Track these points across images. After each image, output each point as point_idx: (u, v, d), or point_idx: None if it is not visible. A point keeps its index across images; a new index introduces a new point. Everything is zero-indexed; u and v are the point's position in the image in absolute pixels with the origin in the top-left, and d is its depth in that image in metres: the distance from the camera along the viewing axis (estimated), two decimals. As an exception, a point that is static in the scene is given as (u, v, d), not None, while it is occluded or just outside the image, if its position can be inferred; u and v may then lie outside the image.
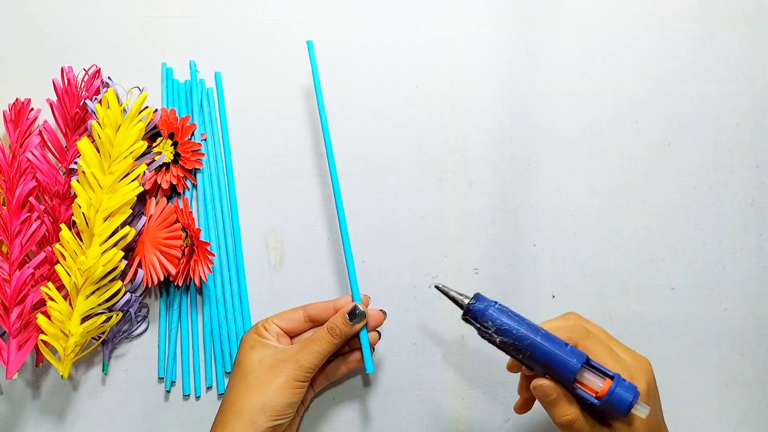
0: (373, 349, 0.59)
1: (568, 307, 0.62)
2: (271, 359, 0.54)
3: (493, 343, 0.50)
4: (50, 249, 0.57)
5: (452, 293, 0.52)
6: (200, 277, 0.57)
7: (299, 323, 0.57)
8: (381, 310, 0.58)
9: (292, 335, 0.58)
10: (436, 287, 0.53)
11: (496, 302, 0.51)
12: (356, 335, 0.57)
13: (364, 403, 0.61)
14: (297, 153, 0.62)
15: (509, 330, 0.49)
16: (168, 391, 0.60)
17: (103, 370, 0.60)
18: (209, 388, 0.60)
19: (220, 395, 0.60)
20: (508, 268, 0.62)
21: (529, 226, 0.63)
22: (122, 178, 0.56)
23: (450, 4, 0.64)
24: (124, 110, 0.58)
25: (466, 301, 0.51)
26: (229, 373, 0.60)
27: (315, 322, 0.58)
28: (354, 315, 0.55)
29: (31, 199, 0.57)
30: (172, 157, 0.60)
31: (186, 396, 0.60)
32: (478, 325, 0.50)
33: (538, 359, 0.49)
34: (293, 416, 0.55)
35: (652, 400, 0.49)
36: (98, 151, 0.56)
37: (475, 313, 0.50)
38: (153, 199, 0.59)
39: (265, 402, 0.52)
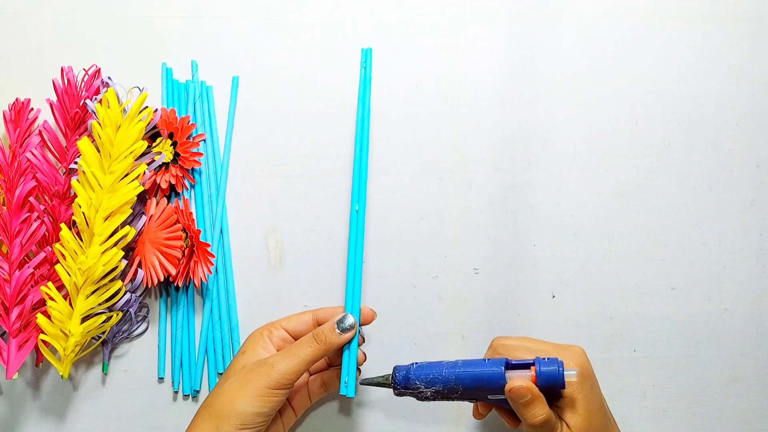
0: (359, 371, 0.56)
1: (568, 307, 0.62)
2: (252, 365, 0.53)
3: (431, 398, 0.52)
4: (50, 249, 0.57)
5: (376, 380, 0.54)
6: (200, 278, 0.57)
7: (308, 326, 0.56)
8: (372, 310, 0.56)
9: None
10: (361, 383, 0.55)
11: (413, 363, 0.53)
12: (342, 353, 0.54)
13: (365, 403, 0.61)
14: (297, 153, 0.62)
15: (434, 378, 0.51)
16: (168, 391, 0.60)
17: (103, 370, 0.60)
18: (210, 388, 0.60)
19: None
20: (508, 268, 0.62)
21: (529, 226, 0.63)
22: (122, 178, 0.56)
23: (450, 4, 0.64)
24: (124, 110, 0.58)
25: (389, 378, 0.53)
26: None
27: None
28: (342, 322, 0.53)
29: (31, 199, 0.57)
30: (171, 157, 0.60)
31: (186, 396, 0.60)
32: (411, 391, 0.52)
33: (469, 385, 0.51)
34: (265, 428, 0.52)
35: (587, 382, 0.51)
36: (98, 151, 0.56)
37: (401, 383, 0.52)
38: (153, 199, 0.59)
39: (231, 408, 0.51)
